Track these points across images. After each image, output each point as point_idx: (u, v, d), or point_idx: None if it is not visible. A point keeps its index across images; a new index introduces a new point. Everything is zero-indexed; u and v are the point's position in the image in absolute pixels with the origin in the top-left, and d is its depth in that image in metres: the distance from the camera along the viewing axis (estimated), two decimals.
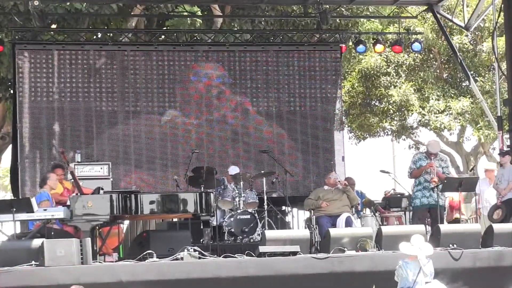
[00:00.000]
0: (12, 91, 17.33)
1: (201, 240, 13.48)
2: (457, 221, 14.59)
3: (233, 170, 14.38)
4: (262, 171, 14.92)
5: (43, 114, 16.06)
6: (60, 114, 16.13)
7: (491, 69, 22.59)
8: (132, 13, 18.21)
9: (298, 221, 16.12)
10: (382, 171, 15.12)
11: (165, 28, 18.27)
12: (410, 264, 7.69)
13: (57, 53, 16.26)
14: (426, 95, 23.52)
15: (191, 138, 16.51)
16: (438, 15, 17.35)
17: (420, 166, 13.14)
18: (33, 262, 10.00)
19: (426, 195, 13.03)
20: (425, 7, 18.12)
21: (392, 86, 23.40)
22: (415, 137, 25.34)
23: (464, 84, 23.69)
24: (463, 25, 17.52)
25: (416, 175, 13.17)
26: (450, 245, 11.05)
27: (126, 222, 15.02)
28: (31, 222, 11.60)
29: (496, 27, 16.90)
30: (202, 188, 12.97)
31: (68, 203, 11.28)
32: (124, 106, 16.40)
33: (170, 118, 16.47)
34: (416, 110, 23.53)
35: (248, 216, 13.58)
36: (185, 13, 18.11)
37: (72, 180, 12.39)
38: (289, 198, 14.71)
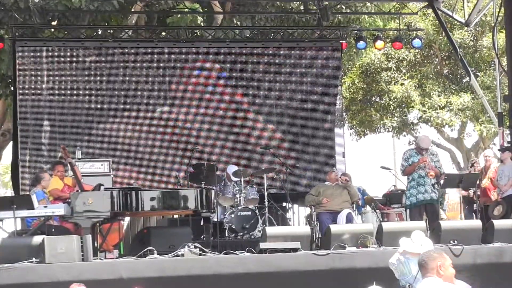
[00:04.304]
0: (12, 88, 17.32)
1: (202, 236, 13.47)
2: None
3: (232, 168, 14.38)
4: (263, 167, 14.91)
5: (44, 111, 16.06)
6: (61, 111, 16.10)
7: (492, 65, 22.57)
8: (132, 10, 18.20)
9: (298, 218, 16.14)
10: (383, 167, 15.11)
11: (165, 24, 18.25)
12: (412, 260, 7.67)
13: (58, 50, 16.26)
14: (427, 91, 23.52)
15: (192, 135, 16.50)
16: (438, 11, 17.31)
17: (412, 162, 13.04)
18: (33, 259, 10.00)
19: (421, 191, 12.96)
20: (425, 3, 18.06)
21: (393, 82, 23.40)
22: (416, 133, 25.32)
23: (464, 80, 23.67)
24: (463, 21, 17.49)
25: (410, 172, 13.08)
26: (451, 241, 11.04)
27: (127, 218, 15.03)
28: (29, 219, 11.59)
29: (497, 22, 16.87)
30: (203, 184, 12.97)
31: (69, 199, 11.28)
32: (125, 103, 16.39)
33: (165, 111, 16.46)
34: (416, 106, 23.52)
35: (249, 213, 13.58)
36: (186, 10, 18.09)
37: (73, 176, 12.37)
38: (289, 195, 14.70)
